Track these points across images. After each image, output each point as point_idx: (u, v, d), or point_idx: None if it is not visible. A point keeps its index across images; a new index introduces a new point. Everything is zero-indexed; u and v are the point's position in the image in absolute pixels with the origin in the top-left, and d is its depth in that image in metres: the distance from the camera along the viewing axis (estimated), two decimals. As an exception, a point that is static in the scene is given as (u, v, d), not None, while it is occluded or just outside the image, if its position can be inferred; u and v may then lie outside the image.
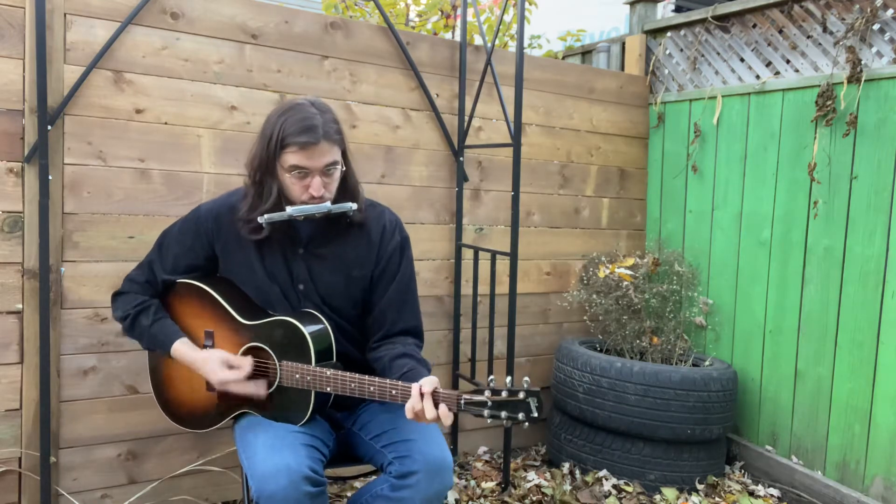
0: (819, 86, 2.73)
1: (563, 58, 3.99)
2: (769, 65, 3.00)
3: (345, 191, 1.79)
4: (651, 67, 3.47)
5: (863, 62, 2.60)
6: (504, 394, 1.47)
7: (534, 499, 2.69)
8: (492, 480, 2.82)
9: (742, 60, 3.10)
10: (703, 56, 3.26)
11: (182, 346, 1.79)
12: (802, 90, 2.82)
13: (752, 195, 3.02)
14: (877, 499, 2.57)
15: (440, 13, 4.24)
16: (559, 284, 3.28)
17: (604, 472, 2.83)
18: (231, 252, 1.82)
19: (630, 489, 2.76)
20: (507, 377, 1.54)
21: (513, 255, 2.62)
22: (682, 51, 3.37)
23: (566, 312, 3.31)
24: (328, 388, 1.65)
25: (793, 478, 2.84)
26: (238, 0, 2.41)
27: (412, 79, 2.79)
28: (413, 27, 4.37)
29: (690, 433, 2.73)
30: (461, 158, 2.90)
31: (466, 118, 2.89)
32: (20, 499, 2.18)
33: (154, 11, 2.27)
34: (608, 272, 3.09)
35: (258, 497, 1.54)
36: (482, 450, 3.12)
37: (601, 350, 3.17)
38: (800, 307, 2.84)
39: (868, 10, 2.58)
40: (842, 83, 2.66)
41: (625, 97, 3.41)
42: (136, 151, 2.28)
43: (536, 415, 1.46)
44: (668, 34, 3.44)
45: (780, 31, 2.94)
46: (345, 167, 1.77)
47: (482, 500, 2.66)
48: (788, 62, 2.91)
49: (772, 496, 2.81)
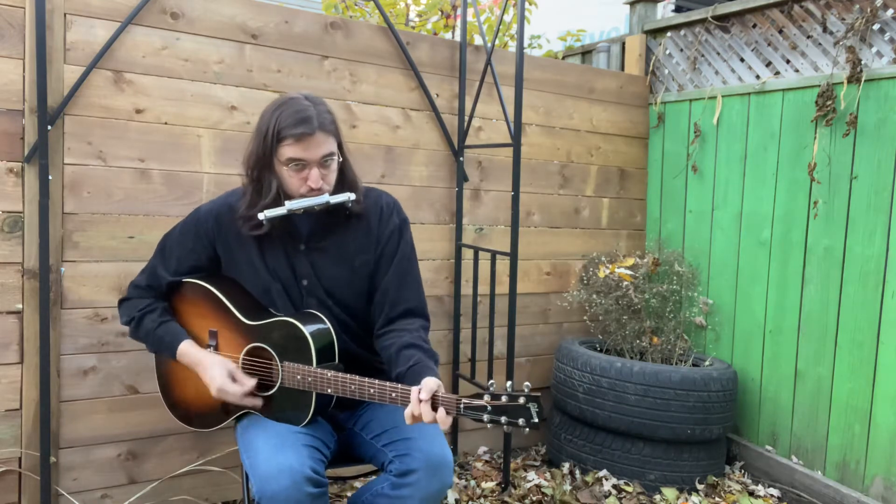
0: (819, 86, 2.73)
1: (563, 58, 3.98)
2: (769, 65, 3.00)
3: (343, 182, 1.79)
4: (651, 67, 3.47)
5: (863, 62, 2.60)
6: (504, 398, 1.45)
7: (534, 499, 2.69)
8: (492, 480, 2.82)
9: (742, 60, 3.10)
10: (703, 56, 3.26)
11: (188, 347, 1.79)
12: (802, 90, 2.82)
13: (752, 195, 3.03)
14: (877, 499, 2.57)
15: (440, 13, 4.24)
16: (559, 284, 3.28)
17: (604, 472, 2.83)
18: (232, 251, 1.82)
19: (630, 489, 2.76)
20: (508, 381, 1.53)
21: (513, 255, 2.62)
22: (682, 51, 3.37)
23: (566, 312, 3.31)
24: (329, 390, 1.65)
25: (793, 478, 2.84)
26: (238, 0, 2.41)
27: (412, 79, 2.78)
28: (413, 27, 4.36)
29: (690, 433, 2.73)
30: (461, 158, 2.90)
31: (466, 118, 2.88)
32: (20, 499, 2.18)
33: (154, 11, 2.27)
34: (608, 272, 3.09)
35: (260, 497, 1.54)
36: (482, 450, 3.12)
37: (601, 350, 3.17)
38: (800, 307, 2.84)
39: (868, 10, 2.58)
40: (842, 83, 2.66)
41: (625, 97, 3.41)
42: (136, 151, 2.28)
43: (536, 420, 1.43)
44: (668, 34, 3.44)
45: (780, 31, 2.94)
46: (341, 158, 1.77)
47: (482, 500, 2.66)
48: (788, 62, 2.91)
49: (772, 496, 2.81)
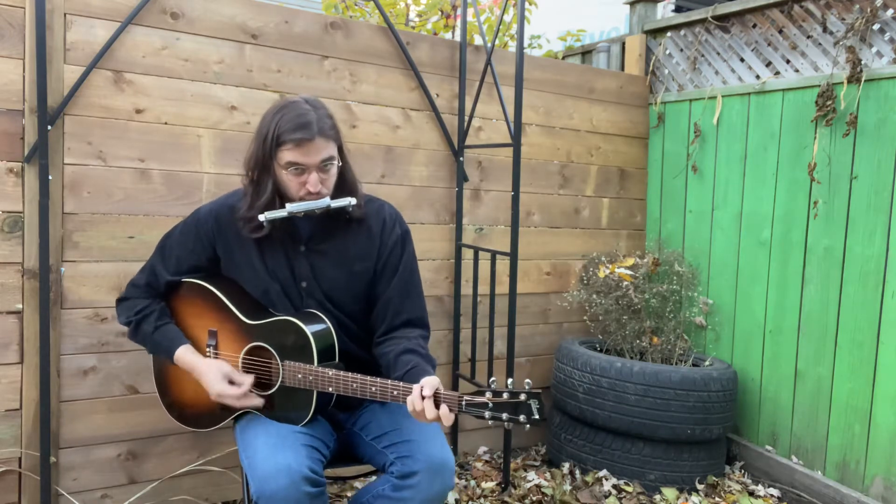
0: (819, 86, 2.73)
1: (563, 58, 3.99)
2: (769, 65, 3.00)
3: (343, 186, 1.79)
4: (651, 67, 3.47)
5: (863, 62, 2.60)
6: (505, 395, 1.47)
7: (534, 499, 2.69)
8: (492, 480, 2.82)
9: (742, 60, 3.10)
10: (703, 56, 3.26)
11: (185, 353, 1.80)
12: (802, 90, 2.82)
13: (752, 195, 3.03)
14: (877, 499, 2.57)
15: (440, 13, 4.24)
16: (559, 284, 3.28)
17: (604, 472, 2.83)
18: (232, 252, 1.82)
19: (630, 489, 2.76)
20: (509, 379, 1.53)
21: (513, 255, 2.62)
22: (682, 51, 3.37)
23: (566, 312, 3.31)
24: (330, 389, 1.65)
25: (793, 478, 2.84)
26: (238, 0, 2.41)
27: (412, 79, 2.78)
28: (413, 27, 4.36)
29: (690, 433, 2.73)
30: (461, 158, 2.90)
31: (466, 118, 2.88)
32: (20, 499, 2.18)
33: (154, 11, 2.27)
34: (608, 272, 3.09)
35: (258, 497, 1.54)
36: (482, 450, 3.12)
37: (601, 350, 3.17)
38: (800, 307, 2.84)
39: (868, 10, 2.58)
40: (842, 83, 2.66)
41: (625, 97, 3.41)
42: (136, 151, 2.28)
43: (538, 416, 1.45)
44: (668, 34, 3.44)
45: (780, 31, 2.94)
46: (341, 163, 1.77)
47: (482, 500, 2.66)
48: (788, 62, 2.91)
49: (772, 496, 2.81)
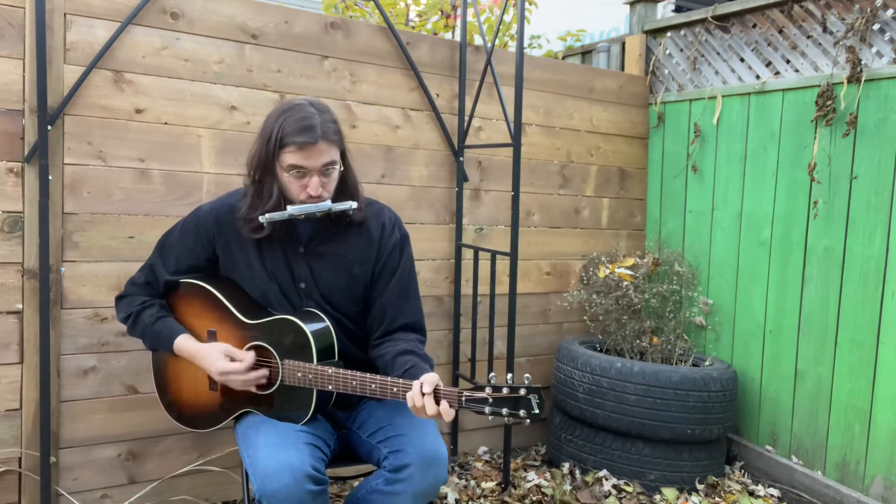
0: (819, 86, 2.73)
1: (563, 58, 3.99)
2: (769, 65, 3.00)
3: (344, 190, 1.80)
4: (651, 67, 3.47)
5: (863, 62, 2.60)
6: (505, 391, 1.47)
7: (534, 499, 2.69)
8: (492, 480, 2.81)
9: (742, 60, 3.10)
10: (703, 56, 3.26)
11: (184, 341, 1.79)
12: (802, 90, 2.82)
13: (752, 195, 3.03)
14: (877, 499, 2.57)
15: (440, 13, 4.24)
16: (559, 284, 3.28)
17: (604, 472, 2.83)
18: (232, 252, 1.82)
19: (630, 489, 2.76)
20: (509, 374, 1.53)
21: (513, 255, 2.62)
22: (682, 51, 3.37)
23: (566, 312, 3.31)
24: (330, 387, 1.65)
25: (793, 478, 2.84)
26: (238, 0, 2.41)
27: (412, 79, 2.79)
28: (413, 27, 4.37)
29: (690, 433, 2.73)
30: (461, 158, 2.90)
31: (466, 118, 2.89)
32: (20, 499, 2.18)
33: (154, 11, 2.27)
34: (608, 272, 3.09)
35: (261, 495, 1.54)
36: (482, 450, 3.12)
37: (601, 350, 3.17)
38: (800, 307, 2.84)
39: (868, 10, 2.58)
40: (842, 83, 2.66)
41: (625, 97, 3.41)
42: (136, 151, 2.28)
43: (538, 411, 1.45)
44: (668, 34, 3.44)
45: (780, 31, 2.95)
46: (343, 167, 1.77)
47: (482, 500, 2.66)
48: (788, 62, 2.91)
49: (772, 496, 2.81)
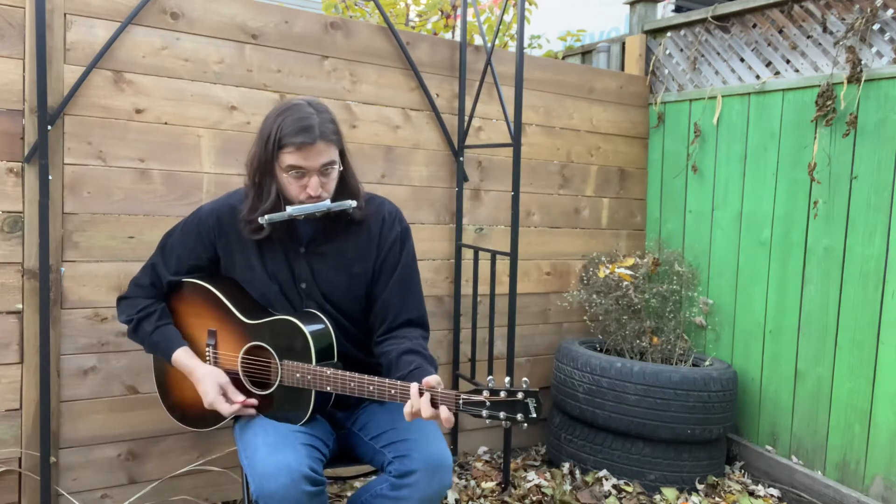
0: (819, 86, 2.73)
1: (563, 58, 3.99)
2: (769, 65, 2.99)
3: (344, 189, 1.79)
4: (651, 67, 3.47)
5: (863, 62, 2.60)
6: (502, 394, 1.47)
7: (534, 499, 2.69)
8: (492, 480, 2.82)
9: (742, 60, 3.10)
10: (703, 56, 3.26)
11: (182, 356, 1.80)
12: (802, 90, 2.82)
13: (752, 195, 3.02)
14: (877, 499, 2.57)
15: (440, 13, 4.24)
16: (559, 284, 3.28)
17: (604, 472, 2.83)
18: (232, 252, 1.82)
19: (630, 489, 2.76)
20: (507, 377, 1.53)
21: (513, 255, 2.62)
22: (682, 51, 3.37)
23: (566, 312, 3.31)
24: (328, 388, 1.65)
25: (793, 478, 2.84)
26: (238, 0, 2.41)
27: (412, 79, 2.79)
28: (413, 27, 4.37)
29: (690, 433, 2.73)
30: (461, 158, 2.90)
31: (466, 118, 2.89)
32: (20, 499, 2.18)
33: (154, 11, 2.27)
34: (608, 272, 3.09)
35: (258, 495, 1.54)
36: (482, 450, 3.12)
37: (601, 350, 3.17)
38: (800, 307, 2.84)
39: (868, 10, 2.58)
40: (842, 83, 2.66)
41: (625, 97, 3.41)
42: (136, 151, 2.28)
43: (535, 416, 1.45)
44: (668, 34, 3.44)
45: (780, 31, 2.94)
46: (343, 166, 1.77)
47: (482, 500, 2.66)
48: (788, 62, 2.91)
49: (772, 496, 2.81)
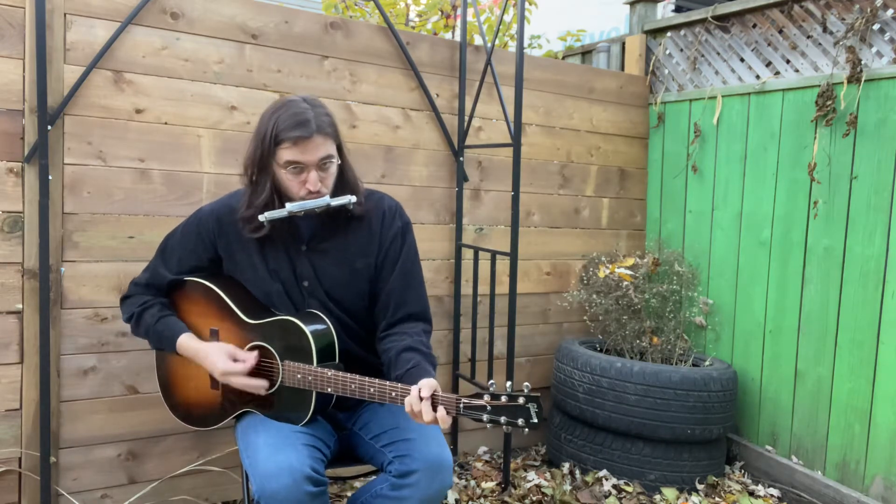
0: (819, 86, 2.73)
1: (563, 58, 3.98)
2: (769, 65, 3.00)
3: (343, 185, 1.79)
4: (651, 67, 3.47)
5: (863, 62, 2.60)
6: (504, 398, 1.46)
7: (534, 499, 2.69)
8: (492, 480, 2.82)
9: (742, 60, 3.10)
10: (703, 56, 3.26)
11: (187, 339, 1.78)
12: (802, 90, 2.82)
13: (752, 195, 3.02)
14: (877, 499, 2.57)
15: (440, 13, 4.24)
16: (559, 284, 3.28)
17: (604, 472, 2.83)
18: (233, 253, 1.82)
19: (630, 489, 2.76)
20: (508, 382, 1.53)
21: (513, 255, 2.62)
22: (682, 51, 3.37)
23: (566, 312, 3.31)
24: (329, 389, 1.65)
25: (793, 478, 2.84)
26: (238, 0, 2.41)
27: (412, 79, 2.78)
28: (413, 27, 4.36)
29: (690, 433, 2.73)
30: (461, 158, 2.90)
31: (466, 118, 2.88)
32: (20, 499, 2.18)
33: (154, 11, 2.27)
34: (608, 272, 3.09)
35: (259, 496, 1.54)
36: (482, 450, 3.12)
37: (601, 350, 3.17)
38: (800, 307, 2.84)
39: (868, 10, 2.58)
40: (842, 83, 2.66)
41: (625, 97, 3.41)
42: (136, 151, 2.28)
43: (536, 420, 1.44)
44: (668, 34, 3.44)
45: (780, 31, 2.94)
46: (341, 161, 1.77)
47: (482, 500, 2.66)
48: (788, 62, 2.91)
49: (772, 496, 2.81)
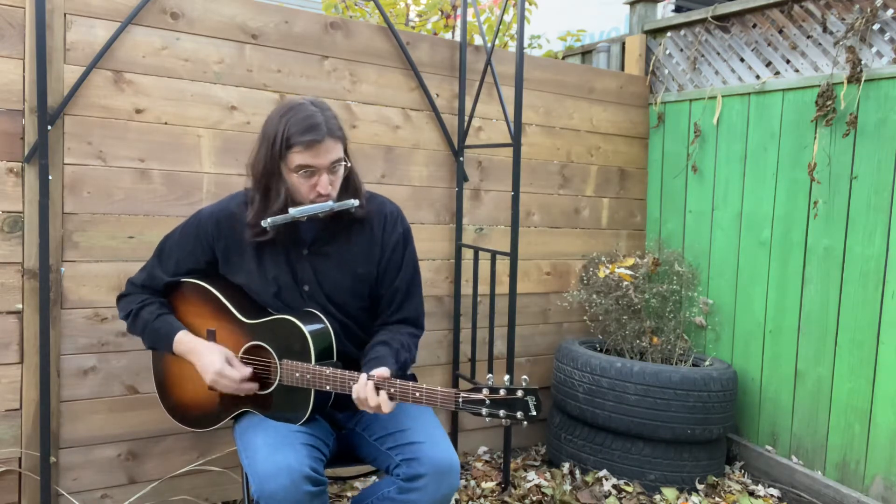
0: (819, 86, 2.73)
1: (563, 58, 3.99)
2: (769, 65, 2.99)
3: (347, 188, 1.80)
4: (651, 67, 3.47)
5: (863, 62, 2.60)
6: (502, 392, 1.48)
7: (534, 499, 2.69)
8: (492, 480, 2.82)
9: (742, 60, 3.10)
10: (703, 56, 3.26)
11: (184, 336, 1.78)
12: (802, 90, 2.82)
13: (752, 195, 3.02)
14: (877, 499, 2.57)
15: (440, 13, 4.24)
16: (559, 284, 3.28)
17: (604, 472, 2.83)
18: (232, 256, 1.82)
19: (630, 489, 2.76)
20: (506, 376, 1.54)
21: (513, 255, 2.62)
22: (682, 51, 3.37)
23: (566, 312, 3.31)
24: (327, 387, 1.65)
25: (793, 478, 2.84)
26: (238, 0, 2.41)
27: (412, 79, 2.79)
28: (413, 27, 4.37)
29: (690, 433, 2.73)
30: (461, 158, 2.90)
31: (466, 118, 2.89)
32: (20, 499, 2.18)
33: (154, 11, 2.27)
34: (608, 272, 3.09)
35: (258, 496, 1.54)
36: (482, 450, 3.12)
37: (601, 350, 3.17)
38: (800, 307, 2.84)
39: (868, 10, 2.58)
40: (842, 83, 2.66)
41: (625, 97, 3.41)
42: (136, 151, 2.28)
43: (535, 413, 1.45)
44: (668, 34, 3.44)
45: (780, 31, 2.94)
46: (349, 164, 1.77)
47: (482, 500, 2.66)
48: (788, 62, 2.91)
49: (772, 496, 2.81)
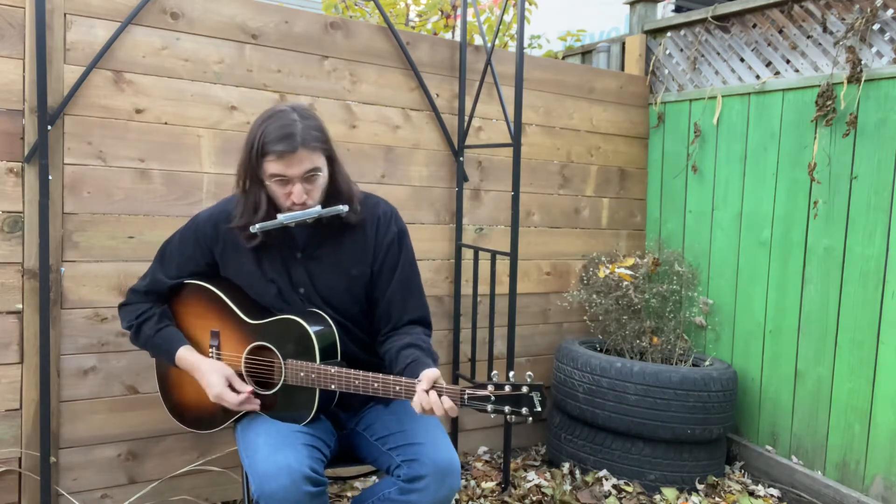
0: (819, 86, 2.73)
1: (563, 58, 3.99)
2: (769, 65, 3.00)
3: (335, 194, 1.77)
4: (651, 67, 3.47)
5: (863, 62, 2.60)
6: (507, 388, 1.48)
7: (534, 499, 2.69)
8: (492, 480, 2.82)
9: (742, 60, 3.10)
10: (703, 56, 3.26)
11: (186, 353, 1.80)
12: (802, 90, 2.82)
13: (752, 195, 3.03)
14: (877, 499, 2.57)
15: (440, 13, 4.24)
16: (559, 284, 3.28)
17: (604, 472, 2.83)
18: (230, 259, 1.82)
19: (630, 489, 2.76)
20: (510, 371, 1.54)
21: (513, 255, 2.62)
22: (682, 51, 3.37)
23: (566, 312, 3.31)
24: (333, 386, 1.65)
25: (793, 478, 2.84)
26: (238, 0, 2.41)
27: (412, 79, 2.78)
28: (413, 27, 4.37)
29: (690, 433, 2.73)
30: (461, 158, 2.90)
31: (466, 118, 2.89)
32: (20, 499, 2.18)
33: (154, 11, 2.27)
34: (608, 272, 3.09)
35: (258, 496, 1.54)
36: (482, 450, 3.12)
37: (601, 350, 3.17)
38: (800, 307, 2.84)
39: (868, 10, 2.58)
40: (842, 83, 2.66)
41: (625, 97, 3.41)
42: (136, 151, 2.28)
43: (540, 409, 1.46)
44: (668, 34, 3.44)
45: (780, 31, 2.94)
46: (332, 171, 1.75)
47: (482, 500, 2.66)
48: (788, 62, 2.91)
49: (772, 496, 2.81)
